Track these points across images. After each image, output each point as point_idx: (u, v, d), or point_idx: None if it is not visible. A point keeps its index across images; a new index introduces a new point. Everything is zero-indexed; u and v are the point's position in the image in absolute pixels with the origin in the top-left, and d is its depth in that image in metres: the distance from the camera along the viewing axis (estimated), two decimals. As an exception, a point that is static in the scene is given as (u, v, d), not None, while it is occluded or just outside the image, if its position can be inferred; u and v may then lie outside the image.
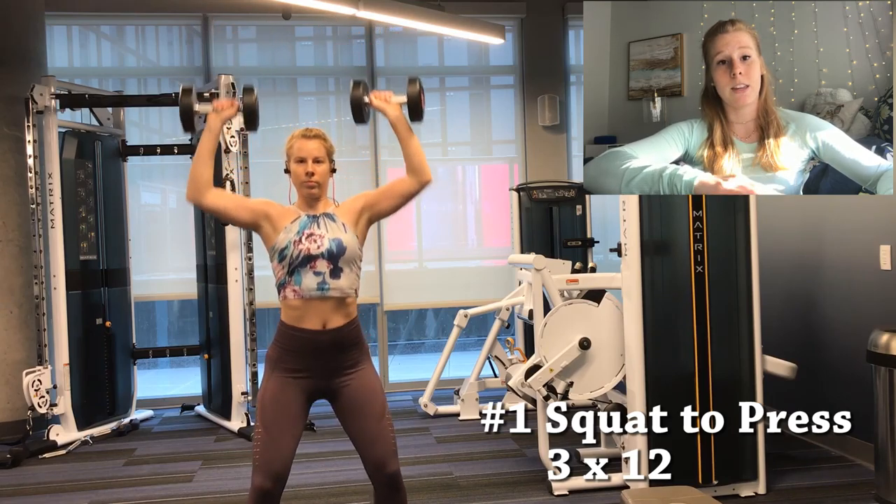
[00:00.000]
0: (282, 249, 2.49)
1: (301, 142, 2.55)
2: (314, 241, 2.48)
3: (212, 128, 2.54)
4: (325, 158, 2.56)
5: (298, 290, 2.48)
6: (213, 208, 2.57)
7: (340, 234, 2.52)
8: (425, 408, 5.57)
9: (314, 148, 2.54)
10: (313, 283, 2.48)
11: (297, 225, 2.51)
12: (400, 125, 2.57)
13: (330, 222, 2.53)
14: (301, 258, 2.47)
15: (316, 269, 2.48)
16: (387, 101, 2.57)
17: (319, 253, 2.48)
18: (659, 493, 2.78)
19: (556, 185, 6.18)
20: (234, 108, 2.57)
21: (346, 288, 2.53)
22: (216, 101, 2.56)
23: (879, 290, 4.04)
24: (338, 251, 2.49)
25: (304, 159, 2.53)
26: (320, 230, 2.51)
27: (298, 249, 2.47)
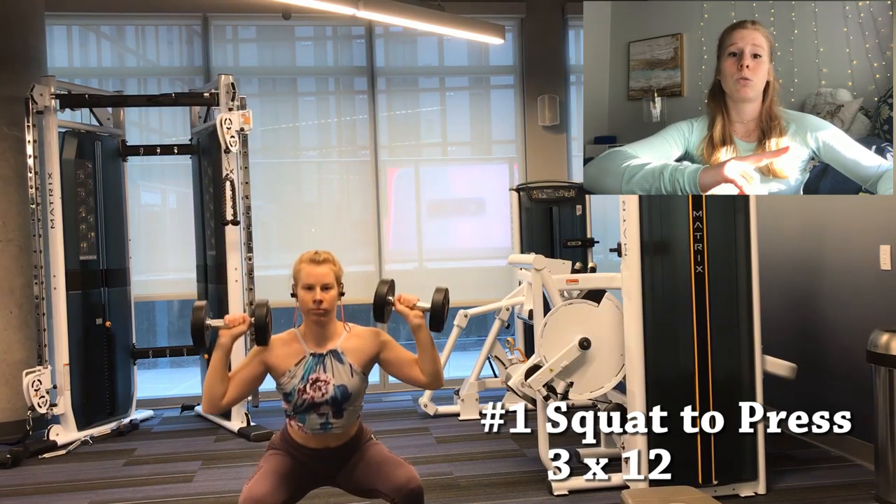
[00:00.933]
0: (286, 394, 2.52)
1: (310, 267, 2.51)
2: (318, 390, 2.49)
3: (223, 345, 2.50)
4: (333, 284, 2.53)
5: (303, 427, 2.55)
6: (229, 406, 2.61)
7: (346, 379, 2.52)
8: (425, 408, 5.57)
9: (323, 274, 2.51)
10: (317, 423, 2.53)
11: (301, 368, 2.51)
12: (421, 334, 2.55)
13: (337, 364, 2.53)
14: (306, 406, 2.51)
15: (320, 412, 2.52)
16: (411, 307, 2.55)
17: (324, 401, 2.50)
18: (659, 493, 2.78)
19: (556, 185, 6.18)
20: (246, 324, 2.52)
21: (349, 424, 2.59)
22: (227, 318, 2.52)
23: (879, 290, 4.04)
24: (342, 398, 2.52)
25: (313, 286, 2.50)
26: (326, 374, 2.51)
27: (303, 399, 2.50)
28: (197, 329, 2.51)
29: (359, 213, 6.65)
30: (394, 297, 2.58)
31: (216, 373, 2.49)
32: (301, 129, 6.71)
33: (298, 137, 6.72)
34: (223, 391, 2.50)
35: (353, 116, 6.70)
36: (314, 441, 2.56)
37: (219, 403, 2.51)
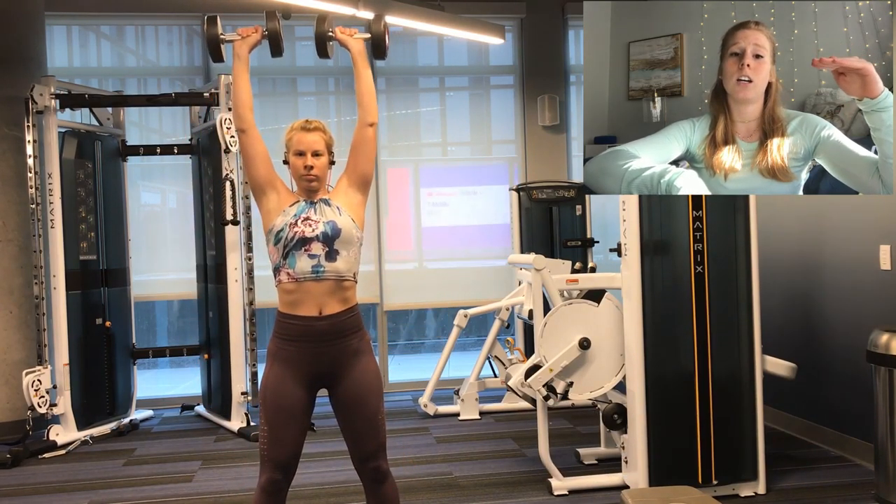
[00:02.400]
0: (277, 232, 2.49)
1: (300, 134, 2.56)
2: (309, 225, 2.49)
3: (240, 55, 2.61)
4: (324, 151, 2.57)
5: (292, 273, 2.48)
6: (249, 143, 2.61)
7: (335, 216, 2.53)
8: (425, 408, 5.57)
9: (314, 141, 2.55)
10: (307, 265, 2.47)
11: (294, 209, 2.53)
12: (361, 58, 2.64)
13: (325, 207, 2.55)
14: (296, 241, 2.47)
15: (311, 252, 2.47)
16: (351, 35, 2.65)
17: (314, 235, 2.48)
18: (659, 493, 2.78)
19: (556, 185, 6.18)
20: (259, 33, 2.64)
21: (343, 271, 2.52)
22: (241, 29, 2.63)
23: (879, 290, 4.04)
24: (332, 233, 2.50)
25: (304, 152, 2.54)
26: (316, 215, 2.52)
27: (293, 232, 2.48)
28: (213, 42, 2.67)
29: (359, 213, 6.64)
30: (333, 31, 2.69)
31: (238, 80, 2.60)
32: (301, 129, 6.70)
33: (298, 137, 6.70)
34: (250, 98, 2.61)
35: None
36: (307, 300, 2.46)
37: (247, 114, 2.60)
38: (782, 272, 4.84)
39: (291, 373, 2.49)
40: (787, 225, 4.81)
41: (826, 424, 4.48)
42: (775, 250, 4.87)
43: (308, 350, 2.49)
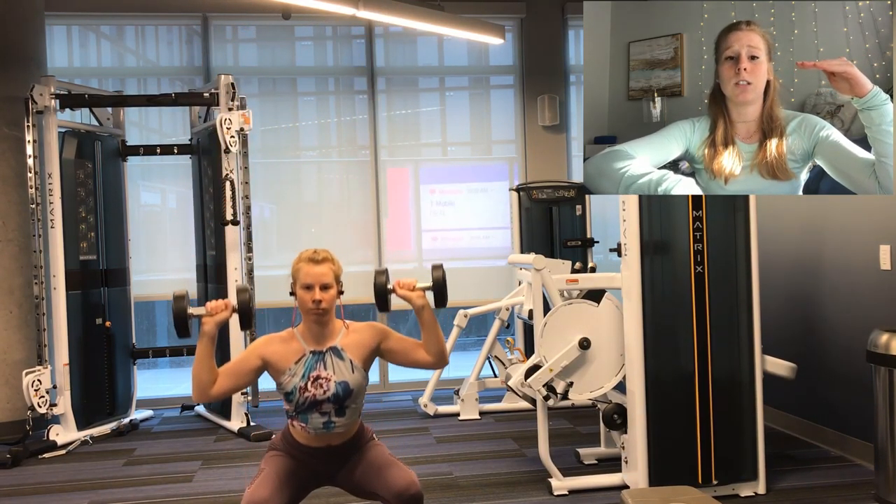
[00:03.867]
0: (287, 393, 2.51)
1: (308, 266, 2.50)
2: (320, 387, 2.48)
3: (207, 332, 2.47)
4: (332, 283, 2.51)
5: (306, 427, 2.54)
6: (220, 397, 2.57)
7: (347, 375, 2.51)
8: (425, 408, 5.57)
9: (322, 273, 2.49)
10: (319, 422, 2.52)
11: (301, 367, 2.50)
12: (425, 314, 2.58)
13: (337, 361, 2.52)
14: (307, 404, 2.49)
15: (322, 411, 2.51)
16: (411, 289, 2.56)
17: (325, 398, 2.49)
18: (659, 493, 2.78)
19: (556, 185, 6.18)
20: (229, 310, 2.51)
21: (351, 423, 2.58)
22: (209, 305, 2.50)
23: (879, 290, 4.04)
24: (344, 394, 2.51)
25: (312, 286, 2.48)
26: (327, 371, 2.50)
27: (304, 396, 2.48)
28: (180, 318, 2.49)
29: (359, 213, 6.65)
30: (392, 284, 2.59)
31: (202, 361, 2.47)
32: (301, 129, 6.71)
33: (298, 137, 6.72)
34: (211, 379, 2.47)
35: (353, 116, 6.70)
36: (316, 441, 2.56)
37: (208, 391, 2.48)
38: (782, 272, 4.84)
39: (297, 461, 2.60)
40: (787, 225, 4.81)
41: (826, 424, 4.48)
42: (775, 250, 4.87)
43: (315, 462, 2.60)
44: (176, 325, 2.51)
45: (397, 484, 2.51)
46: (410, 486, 2.50)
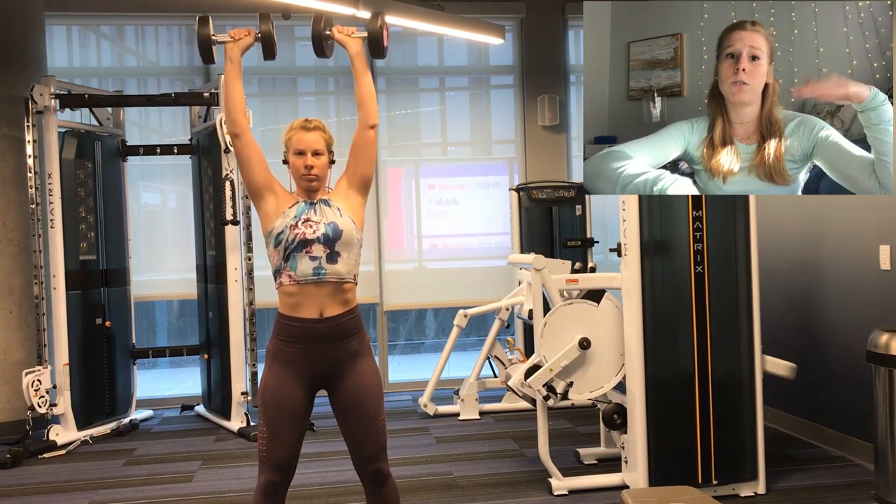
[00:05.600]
0: (278, 234, 2.47)
1: (300, 133, 2.54)
2: (310, 227, 2.47)
3: (232, 58, 2.58)
4: (324, 150, 2.55)
5: (294, 276, 2.46)
6: (244, 147, 2.58)
7: (336, 218, 2.51)
8: (425, 408, 5.57)
9: (314, 140, 2.53)
10: (309, 267, 2.46)
11: (294, 210, 2.51)
12: (359, 60, 2.61)
13: (326, 207, 2.53)
14: (296, 243, 2.45)
15: (312, 254, 2.46)
16: (349, 35, 2.63)
17: (315, 237, 2.46)
18: (659, 493, 2.77)
19: (556, 185, 6.18)
20: (252, 36, 2.61)
21: (344, 273, 2.51)
22: (232, 31, 2.59)
23: (879, 290, 4.04)
24: (334, 235, 2.48)
25: (304, 152, 2.52)
26: (317, 216, 2.50)
27: (294, 234, 2.46)
28: (204, 43, 2.61)
29: (359, 213, 6.65)
30: (330, 30, 2.65)
31: (230, 83, 2.58)
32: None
33: (298, 137, 6.71)
34: (242, 101, 2.58)
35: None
36: (308, 302, 2.46)
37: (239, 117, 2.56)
38: (782, 272, 4.84)
39: (291, 373, 2.48)
40: (787, 225, 4.81)
41: (826, 424, 4.48)
42: (775, 250, 4.87)
43: (308, 351, 2.48)
44: (201, 50, 2.63)
45: (364, 452, 2.53)
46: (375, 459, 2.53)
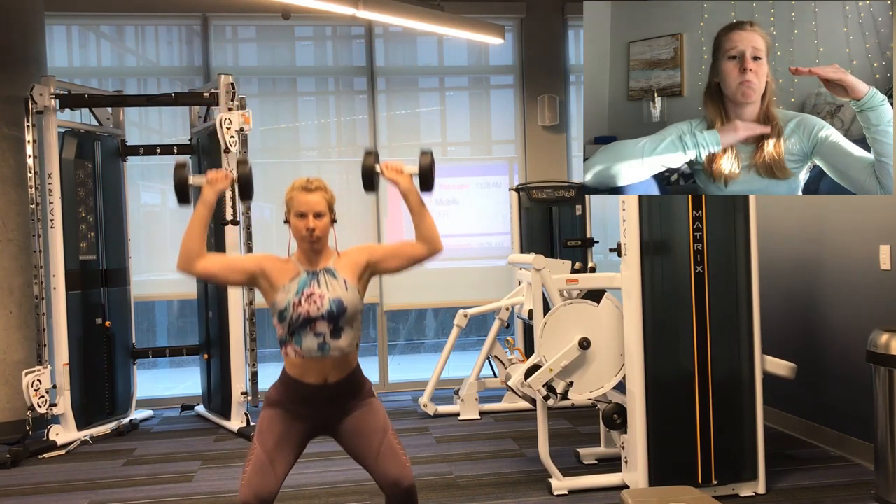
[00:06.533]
0: (281, 311, 2.46)
1: (302, 195, 2.48)
2: (314, 303, 2.45)
3: (206, 200, 2.50)
4: (326, 211, 2.50)
5: (299, 351, 2.48)
6: (204, 276, 2.52)
7: (341, 292, 2.48)
8: (425, 408, 5.57)
9: (315, 201, 2.48)
10: (314, 344, 2.46)
11: (296, 284, 2.47)
12: (411, 197, 2.55)
13: (331, 279, 2.49)
14: (301, 321, 2.45)
15: (316, 331, 2.46)
16: (399, 172, 2.55)
17: (319, 315, 2.45)
18: (659, 493, 2.78)
19: (556, 185, 6.18)
20: (229, 179, 2.55)
21: (347, 347, 2.51)
22: (210, 174, 2.53)
23: (879, 290, 4.04)
24: (338, 312, 2.46)
25: (305, 214, 2.47)
26: (320, 289, 2.47)
27: (298, 312, 2.44)
28: (181, 186, 2.55)
29: (359, 213, 6.65)
30: (380, 166, 2.60)
31: (195, 227, 2.47)
32: (301, 129, 6.71)
33: (298, 137, 6.72)
34: (200, 250, 2.46)
35: (353, 116, 6.70)
36: (312, 372, 2.48)
37: (193, 262, 2.45)
38: (782, 272, 4.84)
39: (294, 413, 2.52)
40: (787, 225, 4.81)
41: (826, 424, 4.48)
42: (775, 250, 4.87)
43: (312, 408, 2.53)
44: (177, 192, 2.58)
45: (389, 473, 2.49)
46: (402, 479, 2.49)
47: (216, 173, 2.54)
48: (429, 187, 2.60)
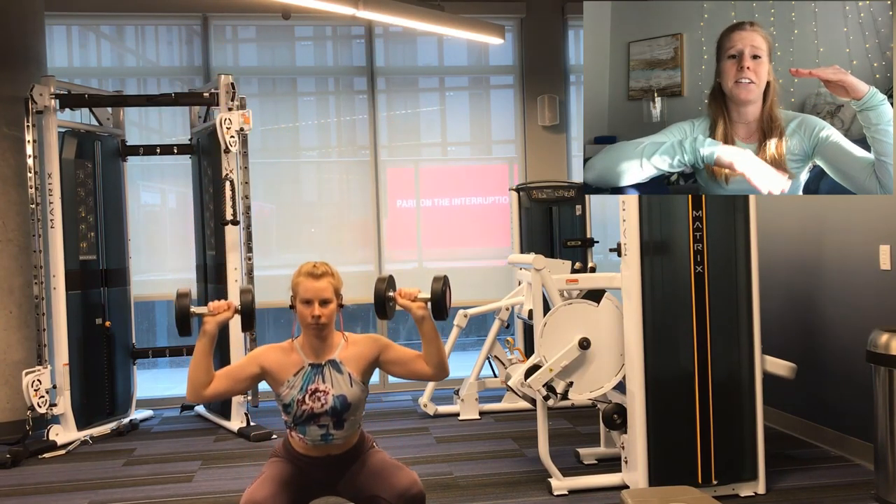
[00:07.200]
0: (286, 405, 2.50)
1: (308, 281, 2.48)
2: (318, 400, 2.48)
3: (208, 331, 2.49)
4: (332, 298, 2.50)
5: (304, 439, 2.53)
6: (213, 398, 2.55)
7: (346, 388, 2.51)
8: (425, 408, 5.57)
9: (322, 288, 2.47)
10: (317, 434, 2.52)
11: (300, 379, 2.50)
12: (425, 325, 2.55)
13: (336, 374, 2.52)
14: (305, 417, 2.49)
15: (320, 423, 2.51)
16: (412, 299, 2.55)
17: (324, 412, 2.49)
18: (659, 493, 2.78)
19: (556, 185, 6.18)
20: (231, 310, 2.53)
21: (349, 435, 2.57)
22: (212, 304, 2.52)
23: (879, 290, 4.04)
24: (342, 408, 2.50)
25: (311, 301, 2.47)
26: (325, 384, 2.49)
27: (302, 409, 2.48)
28: (182, 316, 2.51)
29: (359, 213, 6.65)
30: (394, 293, 2.58)
31: (200, 360, 2.48)
32: (301, 129, 6.71)
33: (298, 137, 6.72)
34: (207, 380, 2.47)
35: (353, 116, 6.70)
36: (315, 451, 2.56)
37: (202, 392, 2.47)
38: (782, 272, 4.84)
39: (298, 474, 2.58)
40: (787, 225, 4.81)
41: (826, 424, 4.48)
42: (775, 250, 4.87)
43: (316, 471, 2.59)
44: (178, 323, 2.53)
45: (399, 484, 2.51)
46: (413, 486, 2.51)
47: (218, 305, 2.51)
48: (442, 316, 2.60)
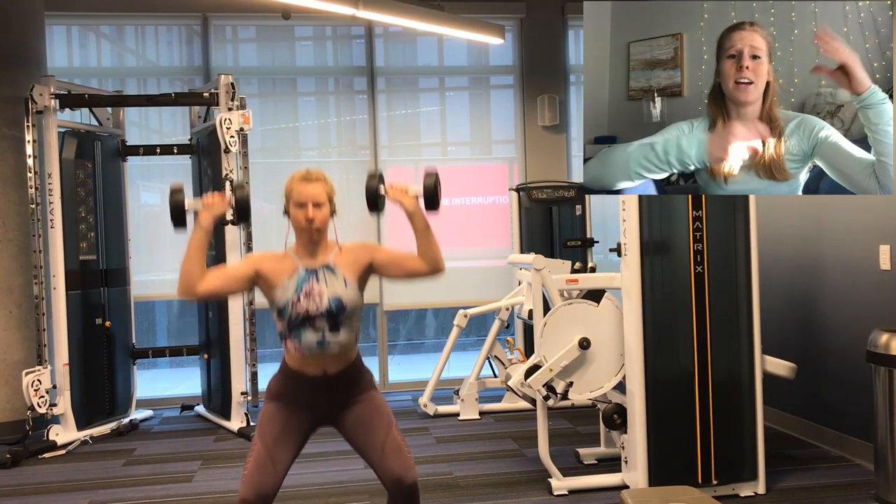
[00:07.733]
0: (280, 309, 2.46)
1: (301, 185, 2.48)
2: (313, 301, 2.44)
3: (203, 225, 2.47)
4: (325, 202, 2.49)
5: (299, 347, 2.48)
6: (207, 296, 2.50)
7: (341, 290, 2.47)
8: (425, 408, 5.57)
9: (315, 192, 2.47)
10: (313, 339, 2.46)
11: (294, 281, 2.47)
12: (416, 218, 2.54)
13: (330, 276, 2.49)
14: (300, 318, 2.45)
15: (315, 326, 2.46)
16: (403, 193, 2.54)
17: (318, 312, 2.45)
18: (659, 493, 2.78)
19: (556, 185, 6.18)
20: (226, 203, 2.52)
21: (346, 341, 2.51)
22: (206, 198, 2.50)
23: (879, 290, 4.04)
24: (337, 310, 2.46)
25: (305, 204, 2.46)
26: (319, 285, 2.46)
27: (297, 311, 2.44)
28: (177, 210, 2.50)
29: (359, 213, 6.65)
30: (385, 187, 2.58)
31: (194, 252, 2.44)
32: (301, 129, 6.71)
33: (298, 137, 6.72)
34: (200, 273, 2.43)
35: (353, 116, 6.70)
36: (312, 365, 2.49)
37: (195, 288, 2.43)
38: (782, 272, 4.84)
39: (295, 406, 2.52)
40: (787, 225, 4.81)
41: (826, 424, 4.48)
42: (775, 250, 4.87)
43: (313, 397, 2.53)
44: (173, 217, 2.51)
45: (393, 468, 2.47)
46: (406, 475, 2.47)
47: (213, 197, 2.51)
48: (434, 207, 2.59)
